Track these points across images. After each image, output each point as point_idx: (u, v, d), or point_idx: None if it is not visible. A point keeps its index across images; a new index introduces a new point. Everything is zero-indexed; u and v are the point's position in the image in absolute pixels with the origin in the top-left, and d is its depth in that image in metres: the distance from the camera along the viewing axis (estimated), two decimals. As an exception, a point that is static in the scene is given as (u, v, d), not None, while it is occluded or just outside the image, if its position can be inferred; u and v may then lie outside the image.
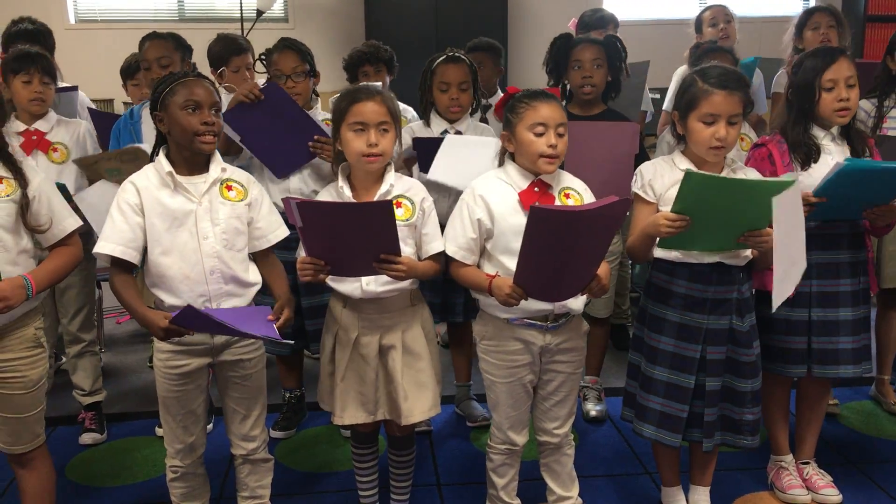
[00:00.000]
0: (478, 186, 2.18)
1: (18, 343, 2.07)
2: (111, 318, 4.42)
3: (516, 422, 2.29)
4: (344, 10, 6.77)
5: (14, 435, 2.13)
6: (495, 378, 2.26)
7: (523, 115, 2.11)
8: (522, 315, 2.15)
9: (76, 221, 2.16)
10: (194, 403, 2.21)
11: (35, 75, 2.81)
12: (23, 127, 2.85)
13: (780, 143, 2.44)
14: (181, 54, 3.04)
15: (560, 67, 2.99)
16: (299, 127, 2.72)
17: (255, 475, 2.33)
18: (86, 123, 3.03)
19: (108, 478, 2.83)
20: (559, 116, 2.10)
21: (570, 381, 2.29)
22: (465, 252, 2.17)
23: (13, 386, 2.07)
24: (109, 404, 3.28)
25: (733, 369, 2.30)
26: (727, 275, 2.23)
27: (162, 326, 1.98)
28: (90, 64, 4.82)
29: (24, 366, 2.09)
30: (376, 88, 2.22)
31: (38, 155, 2.83)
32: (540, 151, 2.09)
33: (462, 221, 2.17)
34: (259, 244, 2.21)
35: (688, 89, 2.21)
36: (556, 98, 2.14)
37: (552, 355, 2.23)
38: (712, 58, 2.93)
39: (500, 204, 2.13)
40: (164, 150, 2.14)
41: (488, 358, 2.26)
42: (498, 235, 2.13)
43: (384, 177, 2.21)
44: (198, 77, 2.14)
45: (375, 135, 2.13)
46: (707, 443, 2.31)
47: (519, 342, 2.20)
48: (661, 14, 7.06)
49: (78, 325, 3.06)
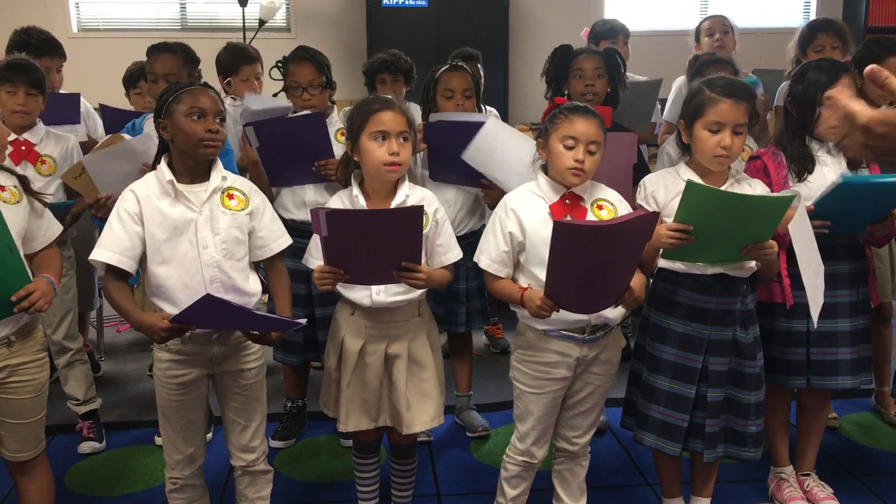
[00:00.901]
0: (510, 200, 2.20)
1: (30, 346, 2.11)
2: (111, 326, 4.42)
3: (540, 435, 2.28)
4: (346, 20, 6.79)
5: (20, 441, 2.14)
6: (527, 388, 2.24)
7: (559, 126, 2.12)
8: (560, 326, 2.15)
9: (59, 227, 2.24)
10: (194, 413, 2.20)
11: (20, 87, 2.79)
12: (13, 137, 2.83)
13: (774, 156, 2.44)
14: (189, 69, 3.03)
15: (560, 77, 3.01)
16: (317, 154, 2.72)
17: (254, 487, 2.32)
18: (74, 138, 3.01)
19: (107, 487, 2.82)
20: (594, 134, 2.10)
21: (599, 393, 2.28)
22: (499, 265, 2.17)
23: (23, 390, 2.09)
24: (109, 413, 3.27)
25: (737, 381, 2.29)
26: (731, 286, 2.23)
27: (162, 327, 1.95)
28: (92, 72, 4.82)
29: (34, 369, 2.12)
30: (393, 99, 2.23)
31: (26, 166, 2.82)
32: (567, 165, 2.09)
33: (495, 235, 2.18)
34: (262, 253, 2.21)
35: (694, 97, 2.22)
36: (599, 116, 2.14)
37: (587, 366, 2.22)
38: (712, 69, 2.95)
39: (532, 216, 2.14)
40: (166, 159, 2.14)
41: (522, 368, 2.25)
42: (530, 248, 2.14)
43: (398, 187, 2.22)
44: (203, 86, 2.15)
45: (397, 143, 2.14)
46: (708, 454, 2.31)
47: (555, 354, 2.19)
48: (662, 25, 7.07)
49: (63, 334, 3.02)
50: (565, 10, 6.79)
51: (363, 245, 2.00)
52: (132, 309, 2.06)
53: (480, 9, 6.34)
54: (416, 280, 2.07)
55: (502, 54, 6.31)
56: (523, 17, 6.83)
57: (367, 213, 2.11)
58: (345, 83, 3.44)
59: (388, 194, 2.22)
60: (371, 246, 2.00)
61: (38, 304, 1.98)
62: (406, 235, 1.99)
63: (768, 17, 7.27)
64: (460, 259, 2.29)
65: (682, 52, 4.03)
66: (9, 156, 2.77)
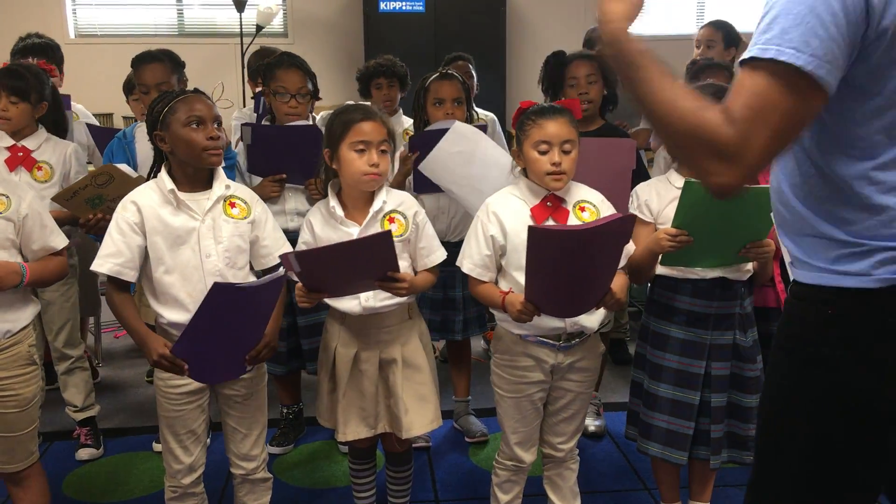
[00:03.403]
0: (492, 203, 2.19)
1: (13, 361, 2.07)
2: (109, 332, 4.41)
3: (524, 438, 2.28)
4: (343, 26, 6.80)
5: (8, 453, 2.12)
6: (504, 392, 2.26)
7: (529, 133, 2.11)
8: (535, 332, 2.15)
9: (63, 240, 2.18)
10: (195, 423, 2.19)
11: (2, 94, 2.76)
12: (10, 142, 2.82)
13: None
14: (178, 75, 3.03)
15: (556, 85, 3.00)
16: (304, 165, 2.71)
17: (253, 494, 2.31)
18: (74, 145, 2.99)
19: (105, 493, 2.81)
20: (565, 133, 2.09)
21: (580, 400, 2.29)
22: (481, 269, 2.17)
23: (7, 404, 2.07)
24: (106, 419, 3.27)
25: (738, 385, 2.29)
26: (730, 290, 2.24)
27: (160, 353, 1.97)
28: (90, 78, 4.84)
29: (19, 384, 2.09)
30: (375, 108, 2.24)
31: (21, 172, 2.80)
32: (545, 170, 2.09)
33: (477, 238, 2.17)
34: (266, 262, 2.20)
35: None
36: (566, 112, 2.13)
37: (563, 373, 2.22)
38: (708, 74, 2.96)
39: (513, 220, 2.13)
40: (166, 168, 2.13)
41: (499, 372, 2.26)
42: (510, 252, 2.13)
43: (375, 195, 2.21)
44: (195, 92, 2.14)
45: (377, 154, 2.14)
46: (714, 460, 2.30)
47: (530, 359, 2.19)
48: (659, 30, 7.09)
49: (63, 342, 3.02)
50: (562, 14, 6.80)
51: (339, 271, 2.02)
52: (137, 325, 2.06)
53: (477, 14, 6.36)
54: (399, 288, 2.08)
55: (499, 60, 6.31)
56: (520, 22, 6.84)
57: (335, 247, 2.07)
58: (342, 88, 3.46)
59: (365, 203, 2.21)
60: (347, 269, 2.02)
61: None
62: (380, 257, 2.00)
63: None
64: (455, 266, 2.30)
65: (679, 57, 4.03)
66: (4, 161, 2.78)
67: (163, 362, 1.98)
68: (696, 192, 2.01)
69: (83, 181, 2.60)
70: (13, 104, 2.78)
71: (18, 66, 2.93)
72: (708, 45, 3.89)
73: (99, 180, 2.57)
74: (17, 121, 2.80)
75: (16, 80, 2.77)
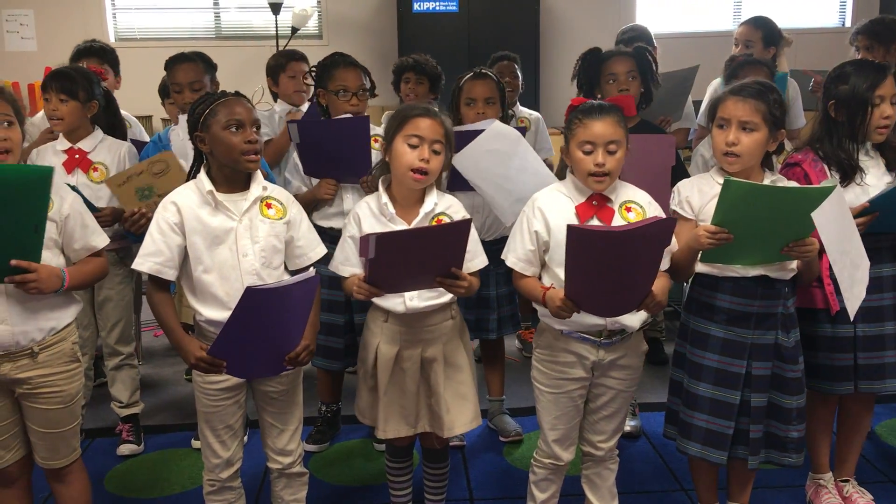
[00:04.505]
0: (538, 199, 2.19)
1: (56, 358, 2.11)
2: (148, 330, 4.48)
3: (562, 436, 2.27)
4: (377, 27, 6.84)
5: (51, 450, 2.16)
6: (543, 387, 2.25)
7: (575, 132, 2.11)
8: (576, 328, 2.15)
9: (104, 240, 2.21)
10: (233, 418, 2.22)
11: (52, 94, 2.84)
12: (67, 145, 2.90)
13: (815, 162, 2.41)
14: (210, 75, 3.10)
15: (592, 82, 2.98)
16: (356, 161, 2.74)
17: (290, 489, 2.34)
18: (128, 145, 3.05)
19: (145, 489, 2.86)
20: (611, 133, 2.08)
21: (621, 398, 2.27)
22: (525, 263, 2.17)
23: (51, 401, 2.11)
24: (146, 416, 3.32)
25: (778, 385, 2.26)
26: (772, 288, 2.20)
27: (197, 356, 2.01)
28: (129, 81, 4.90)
29: (62, 380, 2.13)
30: (436, 108, 2.24)
31: (78, 173, 2.88)
32: (588, 170, 2.08)
33: (521, 233, 2.18)
34: (300, 262, 2.23)
35: (714, 101, 2.25)
36: (614, 111, 2.11)
37: (605, 371, 2.21)
38: (747, 71, 2.91)
39: (558, 217, 2.13)
40: (205, 168, 2.17)
41: (540, 367, 2.26)
42: (554, 247, 2.13)
43: (426, 195, 2.22)
44: (235, 95, 2.18)
45: (429, 151, 2.15)
46: (752, 460, 2.27)
47: (571, 355, 2.19)
48: (695, 27, 7.02)
49: (116, 338, 3.10)
50: (596, 12, 6.78)
51: (409, 261, 2.01)
52: (174, 326, 2.11)
53: (511, 13, 6.35)
54: (459, 287, 2.09)
55: (533, 58, 6.30)
56: (554, 20, 6.82)
57: (417, 231, 2.10)
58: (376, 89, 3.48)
59: (416, 201, 2.23)
60: (416, 260, 2.02)
61: (28, 285, 1.95)
62: (453, 248, 2.01)
63: (804, 17, 7.18)
64: (489, 265, 2.30)
65: (716, 54, 3.99)
66: (62, 164, 2.86)
67: (201, 364, 2.03)
68: (736, 189, 1.99)
69: (139, 167, 2.68)
70: (62, 102, 2.85)
71: (66, 67, 3.02)
72: (746, 45, 3.83)
73: (155, 168, 2.64)
74: (68, 119, 2.88)
75: (63, 80, 2.85)
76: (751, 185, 2.04)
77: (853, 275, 2.09)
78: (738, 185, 2.00)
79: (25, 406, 2.11)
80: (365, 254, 1.97)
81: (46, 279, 1.99)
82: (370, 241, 1.92)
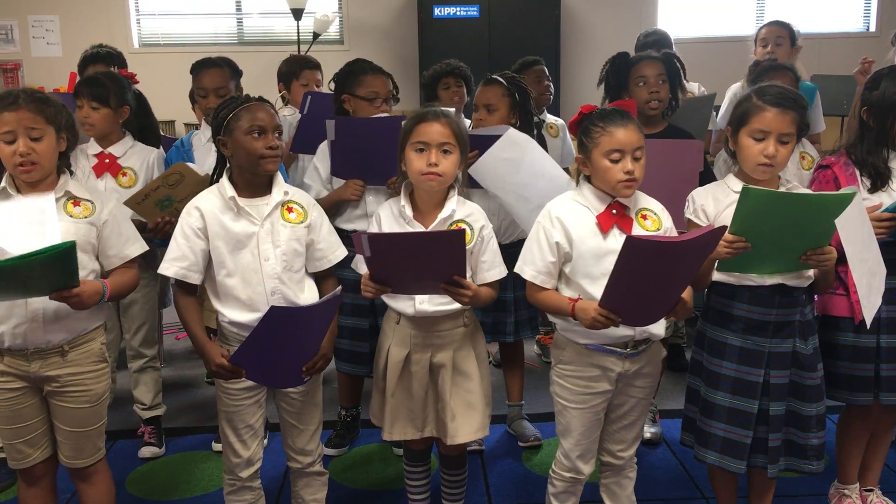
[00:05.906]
0: (553, 208, 2.16)
1: (85, 357, 2.14)
2: (170, 333, 4.52)
3: (586, 451, 2.26)
4: (398, 33, 6.87)
5: (77, 449, 2.19)
6: (568, 404, 2.22)
7: (599, 141, 2.07)
8: (603, 341, 2.13)
9: (141, 247, 2.22)
10: (253, 418, 2.25)
11: (84, 100, 2.88)
12: (98, 149, 2.94)
13: (846, 166, 2.38)
14: (235, 81, 3.13)
15: (621, 86, 2.98)
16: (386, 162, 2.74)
17: (309, 488, 2.37)
18: (158, 151, 3.08)
19: (166, 491, 2.88)
20: (636, 139, 2.06)
21: (641, 406, 2.26)
22: (545, 276, 2.14)
23: (78, 400, 2.14)
24: (167, 419, 3.35)
25: (797, 393, 2.24)
26: (789, 297, 2.18)
27: (218, 362, 2.05)
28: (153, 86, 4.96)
29: (90, 380, 2.16)
30: (444, 111, 2.24)
31: (107, 178, 2.92)
32: (618, 178, 2.06)
33: (539, 245, 2.14)
34: (320, 265, 2.25)
35: (741, 104, 2.20)
36: (633, 118, 2.11)
37: (629, 381, 2.20)
38: (772, 76, 2.90)
39: (579, 227, 2.11)
40: (227, 174, 2.19)
41: (563, 383, 2.22)
42: (577, 259, 2.11)
43: (446, 201, 2.23)
44: (259, 101, 2.20)
45: (436, 155, 2.15)
46: (772, 468, 2.25)
47: (596, 369, 2.17)
48: (716, 31, 6.99)
49: (140, 341, 3.14)
50: (617, 17, 6.76)
51: (407, 263, 2.03)
52: (198, 332, 2.14)
53: (532, 18, 6.35)
54: (462, 295, 2.08)
55: (554, 63, 6.30)
56: (575, 25, 6.81)
57: (407, 236, 2.11)
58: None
59: (435, 206, 2.23)
60: (415, 264, 2.03)
61: (71, 300, 1.97)
62: (449, 256, 2.00)
63: (827, 21, 7.12)
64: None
65: (737, 58, 3.98)
66: (92, 168, 2.91)
67: (221, 371, 2.06)
68: (754, 198, 1.97)
69: (154, 183, 2.70)
70: (94, 109, 2.89)
71: (98, 73, 3.07)
72: (777, 43, 3.81)
73: (170, 180, 2.67)
74: (100, 126, 2.92)
75: (95, 87, 2.90)
76: (770, 193, 2.03)
77: (871, 283, 2.07)
78: (757, 192, 1.98)
79: (53, 404, 2.14)
80: (360, 251, 2.00)
81: (89, 297, 2.01)
82: (363, 240, 1.95)
